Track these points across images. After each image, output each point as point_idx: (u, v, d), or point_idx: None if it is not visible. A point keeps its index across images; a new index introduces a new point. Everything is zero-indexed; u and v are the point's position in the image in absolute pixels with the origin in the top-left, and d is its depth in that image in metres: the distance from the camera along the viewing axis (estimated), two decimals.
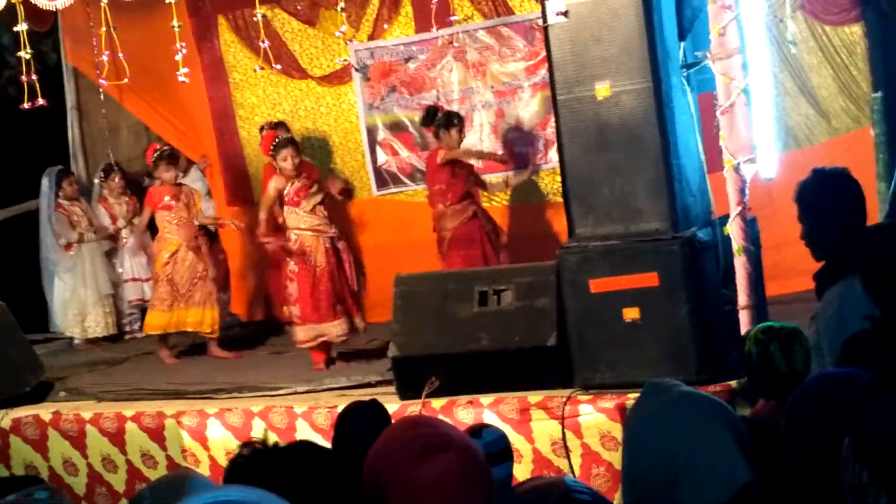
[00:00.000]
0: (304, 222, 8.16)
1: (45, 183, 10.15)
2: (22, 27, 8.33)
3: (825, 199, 4.25)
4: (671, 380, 2.34)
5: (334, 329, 8.10)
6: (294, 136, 9.03)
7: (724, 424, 2.16)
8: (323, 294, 8.10)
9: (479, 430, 4.21)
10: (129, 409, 7.52)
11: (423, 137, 9.68)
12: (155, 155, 8.88)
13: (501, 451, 4.04)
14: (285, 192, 8.19)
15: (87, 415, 7.57)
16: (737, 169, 6.18)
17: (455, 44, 9.66)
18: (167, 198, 8.90)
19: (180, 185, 9.06)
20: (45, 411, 7.73)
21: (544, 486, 1.85)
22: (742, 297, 6.25)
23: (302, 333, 8.10)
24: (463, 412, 6.50)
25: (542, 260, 7.00)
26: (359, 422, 4.25)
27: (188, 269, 8.86)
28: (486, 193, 9.36)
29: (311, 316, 8.07)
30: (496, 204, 9.72)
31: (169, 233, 8.92)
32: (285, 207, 8.23)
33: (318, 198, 8.22)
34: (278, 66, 9.85)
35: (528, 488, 1.86)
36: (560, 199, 7.09)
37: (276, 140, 8.28)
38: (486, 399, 6.54)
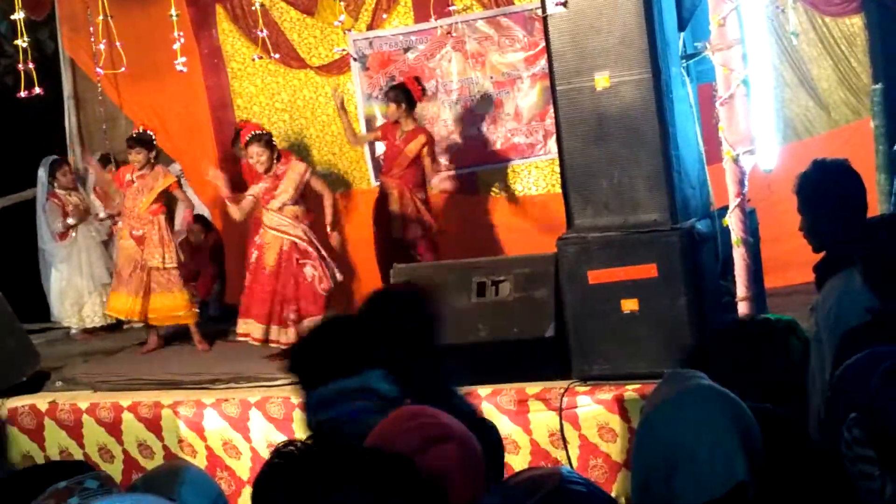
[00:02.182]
0: (271, 220, 8.15)
1: (42, 173, 10.12)
2: (19, 16, 8.31)
3: (825, 190, 4.23)
4: (694, 371, 2.33)
5: (256, 331, 8.05)
6: (281, 130, 8.98)
7: (733, 421, 2.15)
8: (257, 294, 8.09)
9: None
10: (125, 399, 7.51)
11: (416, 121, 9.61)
12: (129, 136, 8.87)
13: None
14: (258, 193, 8.19)
15: (83, 405, 7.57)
16: (736, 160, 6.17)
17: (454, 34, 9.63)
18: (127, 177, 8.83)
19: (152, 167, 8.82)
20: (41, 401, 7.72)
21: (540, 476, 1.84)
22: (741, 289, 6.23)
23: (240, 326, 8.14)
24: None
25: (540, 251, 6.99)
26: None
27: (128, 257, 8.77)
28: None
29: (246, 311, 8.12)
30: (494, 195, 9.70)
31: (122, 215, 8.91)
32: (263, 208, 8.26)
33: (286, 197, 8.10)
34: (276, 56, 9.84)
35: (523, 478, 1.85)
36: (559, 190, 7.06)
37: (252, 134, 8.24)
38: (483, 390, 6.52)
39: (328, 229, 8.27)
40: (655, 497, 2.11)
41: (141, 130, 8.97)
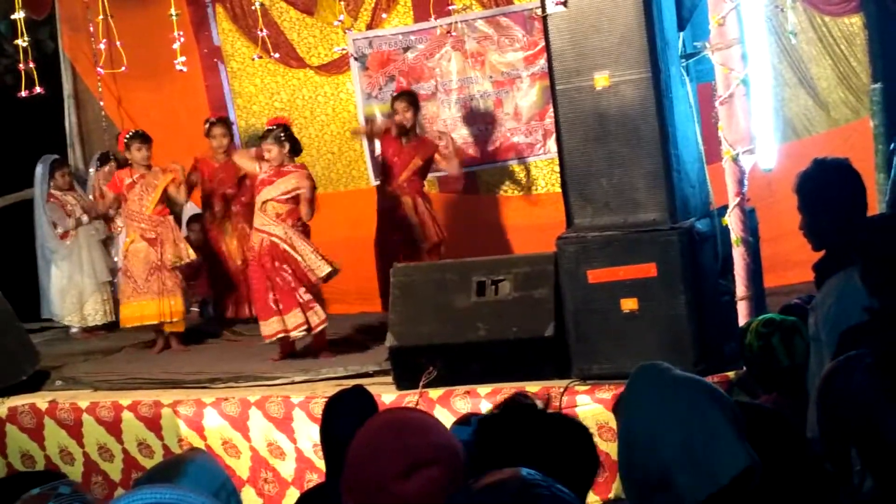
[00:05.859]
0: (256, 220, 8.11)
1: (39, 171, 10.11)
2: (19, 15, 8.33)
3: (826, 189, 4.23)
4: (663, 363, 2.30)
5: (265, 328, 8.03)
6: (285, 127, 8.98)
7: (721, 409, 2.14)
8: (257, 292, 8.09)
9: (468, 419, 4.21)
10: (125, 398, 7.51)
11: (422, 128, 9.64)
12: (127, 135, 8.84)
13: None
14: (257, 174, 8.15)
15: (83, 403, 7.56)
16: (735, 160, 6.18)
17: (453, 33, 9.64)
18: (127, 180, 8.82)
19: (149, 167, 8.83)
20: (41, 400, 7.71)
21: (500, 480, 1.82)
22: (740, 288, 6.24)
23: (262, 330, 8.10)
24: (460, 402, 6.50)
25: (539, 250, 6.99)
26: (344, 409, 4.25)
27: (142, 260, 8.78)
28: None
29: (258, 313, 8.14)
30: (493, 194, 9.71)
31: (128, 219, 8.89)
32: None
33: (275, 193, 7.98)
34: (276, 55, 9.86)
35: (484, 483, 1.83)
36: (558, 190, 7.07)
37: (267, 129, 8.24)
38: (483, 389, 6.53)
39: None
40: (658, 497, 2.11)
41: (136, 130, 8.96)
